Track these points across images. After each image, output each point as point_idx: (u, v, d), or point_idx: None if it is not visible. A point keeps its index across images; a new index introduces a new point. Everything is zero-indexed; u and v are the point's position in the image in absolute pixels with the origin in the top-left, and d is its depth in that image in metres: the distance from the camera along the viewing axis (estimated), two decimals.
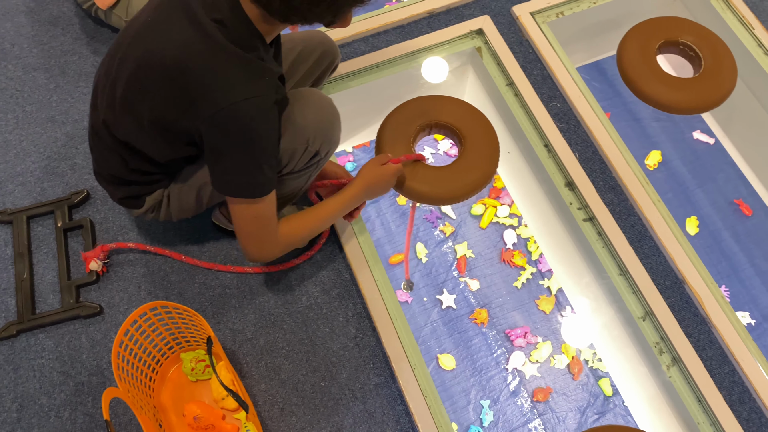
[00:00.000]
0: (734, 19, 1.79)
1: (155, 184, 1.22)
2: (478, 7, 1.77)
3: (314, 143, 1.15)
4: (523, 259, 2.08)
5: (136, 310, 1.15)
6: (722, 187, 2.19)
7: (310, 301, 1.40)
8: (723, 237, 2.12)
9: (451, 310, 1.99)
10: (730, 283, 2.04)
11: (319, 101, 1.15)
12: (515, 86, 1.64)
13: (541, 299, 2.00)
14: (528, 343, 1.95)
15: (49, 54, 1.69)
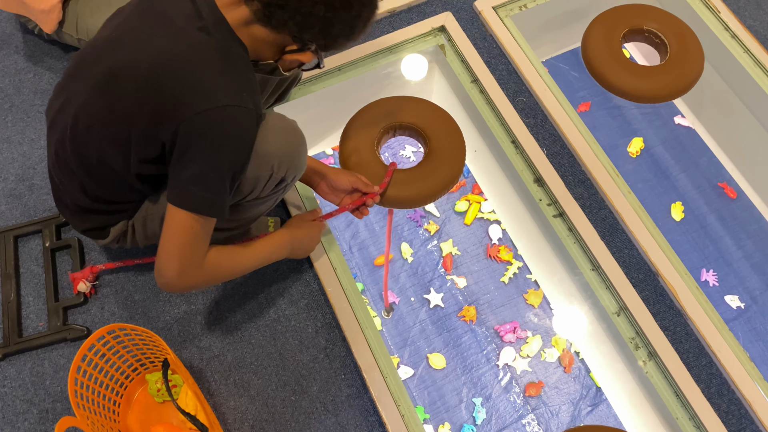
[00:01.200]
0: (700, 3, 1.76)
1: (118, 214, 1.17)
2: (440, 4, 1.75)
3: (279, 170, 1.09)
4: (509, 254, 2.07)
5: (93, 335, 1.12)
6: (706, 171, 2.19)
7: (278, 314, 1.37)
8: (709, 221, 2.11)
9: (439, 309, 1.98)
10: (718, 267, 2.03)
11: (284, 126, 1.10)
12: (480, 83, 1.61)
13: (529, 293, 1.99)
14: (518, 338, 1.94)
15: (2, 73, 1.65)
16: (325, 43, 1.01)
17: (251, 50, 1.01)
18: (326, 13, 0.94)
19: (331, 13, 0.94)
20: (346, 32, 1.00)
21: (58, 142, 1.10)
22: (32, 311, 1.37)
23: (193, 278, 1.06)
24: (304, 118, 1.71)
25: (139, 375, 1.29)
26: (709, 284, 2.00)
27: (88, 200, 1.14)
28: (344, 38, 1.01)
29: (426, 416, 1.82)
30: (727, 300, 1.98)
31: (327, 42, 1.01)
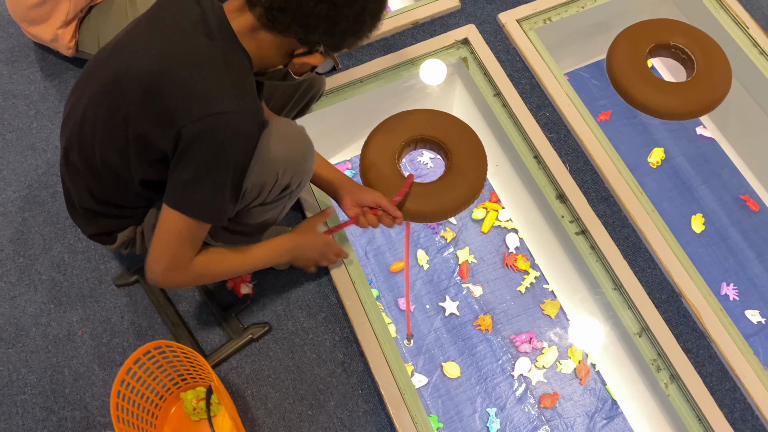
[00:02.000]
0: (728, 18, 1.74)
1: (125, 219, 1.18)
2: (463, 16, 1.74)
3: (284, 176, 1.09)
4: (526, 263, 2.05)
5: (139, 349, 1.12)
6: (728, 183, 2.16)
7: (296, 327, 1.36)
8: (730, 234, 2.09)
9: (455, 317, 1.97)
10: (738, 281, 2.00)
11: (289, 132, 1.09)
12: (503, 96, 1.60)
13: (545, 303, 1.97)
14: (534, 349, 1.92)
15: (29, 80, 1.67)
16: (334, 43, 0.99)
17: (260, 57, 1.01)
18: (329, 12, 0.92)
19: (334, 11, 0.93)
20: (354, 29, 0.97)
21: (67, 145, 1.11)
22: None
23: (179, 279, 1.08)
24: (327, 128, 1.73)
25: (172, 394, 1.29)
26: (729, 298, 1.97)
27: (96, 204, 1.14)
28: (352, 36, 0.98)
29: (439, 425, 1.81)
30: (748, 315, 1.96)
31: (335, 41, 0.98)
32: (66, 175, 1.15)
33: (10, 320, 1.37)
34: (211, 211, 1.00)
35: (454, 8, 1.74)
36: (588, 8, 1.75)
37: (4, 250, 1.44)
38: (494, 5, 1.76)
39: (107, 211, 1.15)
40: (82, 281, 1.41)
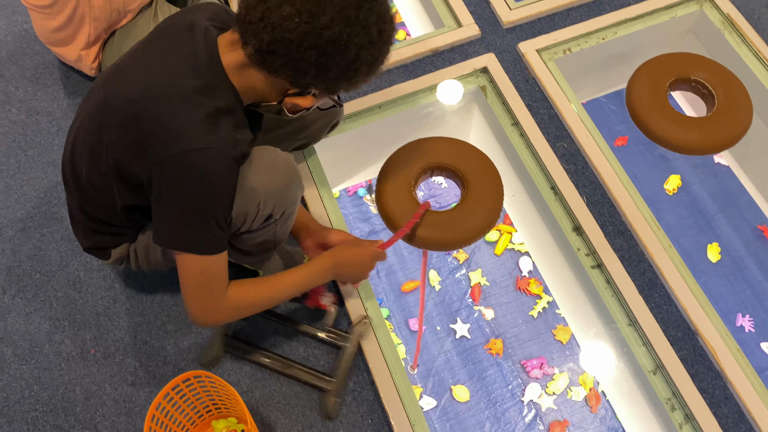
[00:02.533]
0: (750, 53, 1.73)
1: (119, 237, 1.19)
2: (483, 45, 1.74)
3: (266, 206, 1.09)
4: (539, 287, 2.04)
5: (179, 377, 1.13)
6: (745, 212, 2.14)
7: (308, 352, 1.36)
8: (746, 264, 2.07)
9: (465, 340, 1.96)
10: (754, 313, 1.98)
11: (273, 162, 1.09)
12: (521, 126, 1.60)
13: (557, 329, 1.96)
14: (544, 374, 1.91)
15: (52, 97, 1.69)
16: (327, 87, 0.98)
17: (252, 91, 1.01)
18: (319, 58, 0.91)
19: (325, 57, 0.92)
20: (347, 75, 0.96)
21: (64, 164, 1.14)
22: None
23: (217, 316, 1.09)
24: (344, 152, 1.74)
25: (204, 420, 1.29)
26: (745, 330, 1.95)
27: (89, 221, 1.16)
28: (347, 81, 0.97)
29: None
30: (764, 347, 1.93)
31: (328, 86, 0.98)
32: (65, 188, 1.19)
33: (25, 336, 1.38)
34: (206, 242, 1.00)
35: (474, 37, 1.75)
36: (608, 40, 1.75)
37: (22, 266, 1.46)
38: (514, 35, 1.76)
39: (100, 228, 1.18)
40: (96, 299, 1.42)
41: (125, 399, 1.32)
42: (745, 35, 1.74)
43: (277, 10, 0.89)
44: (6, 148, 1.61)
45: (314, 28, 0.88)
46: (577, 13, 1.80)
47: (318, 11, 0.88)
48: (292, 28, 0.88)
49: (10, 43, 1.78)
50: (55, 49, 1.59)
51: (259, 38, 0.91)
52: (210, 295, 1.05)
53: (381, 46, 0.95)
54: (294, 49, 0.90)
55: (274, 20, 0.89)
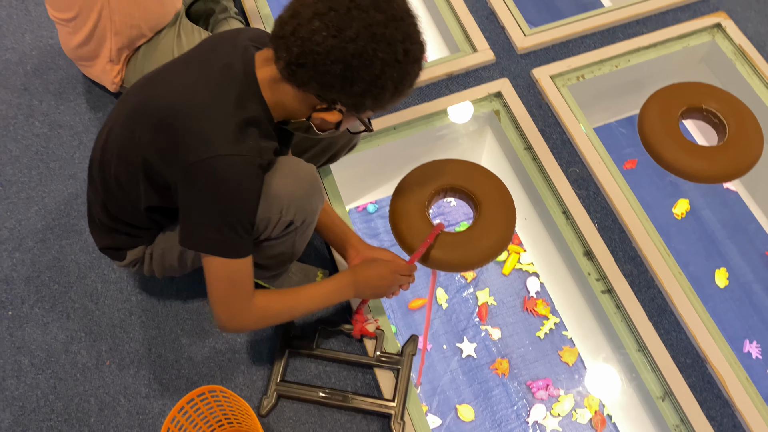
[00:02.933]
0: (761, 84, 1.75)
1: (136, 239, 1.22)
2: (497, 70, 1.77)
3: (287, 213, 1.11)
4: (546, 308, 2.05)
5: (195, 390, 1.16)
6: (753, 238, 2.14)
7: (319, 370, 1.38)
8: (754, 290, 2.07)
9: (472, 359, 1.97)
10: (762, 339, 1.98)
11: (296, 170, 1.12)
12: (533, 150, 1.63)
13: (564, 350, 1.96)
14: (550, 396, 1.91)
15: (75, 111, 1.73)
16: (353, 103, 1.00)
17: (282, 107, 1.04)
18: (344, 72, 0.94)
19: (350, 71, 0.94)
20: (373, 92, 0.98)
21: (92, 162, 1.18)
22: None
23: (243, 321, 1.12)
24: (359, 171, 1.76)
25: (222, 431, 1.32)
26: (752, 356, 1.95)
27: (109, 219, 1.20)
28: (372, 99, 0.99)
29: None
30: None
31: (354, 102, 1.00)
32: (89, 189, 1.23)
33: (42, 346, 1.40)
34: (231, 245, 1.03)
35: (489, 62, 1.78)
36: (621, 68, 1.78)
37: (41, 276, 1.49)
38: (528, 60, 1.80)
39: (118, 227, 1.21)
40: (113, 311, 1.44)
41: (139, 411, 1.33)
42: (756, 66, 1.77)
43: (308, 24, 0.93)
44: (28, 160, 1.65)
45: (340, 41, 0.92)
46: (591, 40, 1.84)
47: (345, 26, 0.92)
48: (320, 41, 0.92)
49: (35, 57, 1.82)
50: (80, 63, 1.63)
51: (289, 51, 0.95)
52: (237, 300, 1.08)
53: (407, 66, 0.97)
54: (321, 61, 0.94)
55: (303, 34, 0.93)
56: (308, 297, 1.19)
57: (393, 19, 0.93)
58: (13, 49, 1.84)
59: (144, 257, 1.26)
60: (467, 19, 1.85)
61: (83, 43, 1.55)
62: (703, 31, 1.84)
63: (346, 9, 0.92)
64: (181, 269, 1.29)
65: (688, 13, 1.89)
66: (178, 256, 1.24)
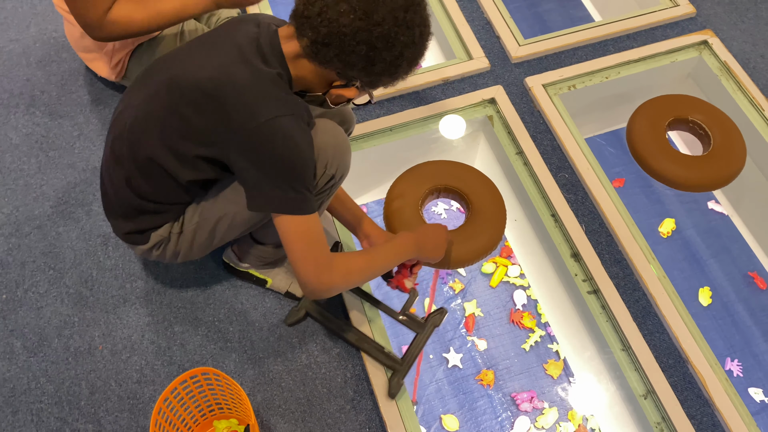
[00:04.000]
0: (745, 99, 1.81)
1: (163, 215, 1.22)
2: (492, 77, 1.82)
3: (331, 166, 1.17)
4: (532, 321, 2.06)
5: (185, 373, 1.17)
6: (737, 258, 2.17)
7: (310, 360, 1.40)
8: (736, 309, 2.09)
9: (457, 370, 1.97)
10: (743, 358, 2.00)
11: (334, 129, 1.19)
12: (524, 155, 1.67)
13: (549, 363, 1.97)
14: (534, 408, 1.92)
15: (76, 102, 1.75)
16: (370, 81, 1.07)
17: (301, 80, 1.10)
18: (368, 53, 1.00)
19: (373, 52, 1.00)
20: (390, 71, 1.05)
21: (115, 140, 1.18)
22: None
23: (332, 279, 1.11)
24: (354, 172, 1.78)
25: (206, 420, 1.32)
26: (733, 374, 1.97)
27: (135, 197, 1.19)
28: (388, 76, 1.06)
29: None
30: (751, 392, 1.94)
31: (371, 79, 1.06)
32: (110, 170, 1.20)
33: (35, 329, 1.42)
34: (306, 201, 1.06)
35: (484, 69, 1.83)
36: (611, 79, 1.84)
37: (36, 261, 1.50)
38: (522, 69, 1.85)
39: (144, 206, 1.20)
40: (107, 298, 1.46)
41: (129, 396, 1.35)
42: (741, 82, 1.83)
43: (335, 6, 0.98)
44: (28, 148, 1.67)
45: (367, 24, 0.98)
46: (583, 52, 1.89)
47: (371, 9, 0.98)
48: (347, 23, 0.98)
49: (39, 50, 1.85)
50: (84, 55, 1.65)
51: (316, 31, 1.00)
52: (320, 255, 1.09)
53: (421, 47, 1.05)
54: (347, 42, 0.99)
55: (331, 15, 0.98)
56: (381, 254, 1.21)
57: (412, 4, 1.01)
58: (18, 41, 1.86)
59: (170, 236, 1.25)
60: (464, 28, 1.90)
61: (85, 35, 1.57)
62: (690, 48, 1.91)
63: None
64: (208, 246, 1.29)
65: (677, 30, 1.96)
66: (210, 229, 1.24)
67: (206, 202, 1.22)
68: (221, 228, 1.24)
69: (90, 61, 1.66)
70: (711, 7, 2.03)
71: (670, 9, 1.98)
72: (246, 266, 1.44)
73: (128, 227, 1.24)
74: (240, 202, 1.13)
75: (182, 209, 1.23)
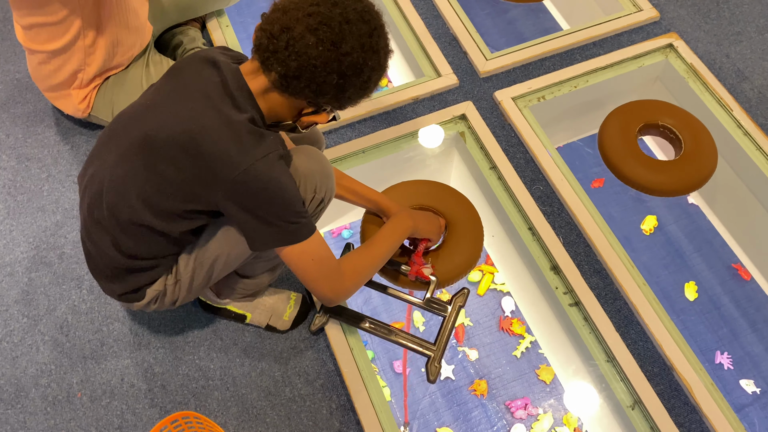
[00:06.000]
0: (713, 99, 1.83)
1: (155, 270, 1.20)
2: (461, 93, 1.82)
3: (320, 191, 1.19)
4: (521, 328, 2.07)
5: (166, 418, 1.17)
6: (719, 251, 2.19)
7: (294, 393, 1.38)
8: (723, 302, 2.10)
9: (450, 381, 1.97)
10: (732, 350, 2.01)
11: (317, 155, 1.21)
12: (498, 170, 1.67)
13: (541, 369, 1.98)
14: (529, 415, 1.92)
15: (42, 143, 1.73)
16: (340, 105, 1.09)
17: (272, 113, 1.10)
18: (339, 81, 1.02)
19: (344, 80, 1.02)
20: (359, 94, 1.08)
21: (91, 205, 1.15)
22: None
23: (345, 284, 1.19)
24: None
25: None
26: (724, 367, 1.98)
27: (124, 258, 1.16)
28: (357, 98, 1.09)
29: None
30: (743, 384, 1.96)
31: (341, 103, 1.09)
32: (91, 234, 1.17)
33: (11, 380, 1.38)
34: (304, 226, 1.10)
35: (453, 86, 1.83)
36: (580, 88, 1.84)
37: (9, 310, 1.47)
38: (490, 84, 1.85)
39: (135, 265, 1.18)
40: (84, 342, 1.43)
41: None
42: (707, 83, 1.85)
43: (302, 39, 0.99)
44: None
45: (337, 54, 1.00)
46: (550, 62, 1.90)
47: (339, 39, 0.99)
48: (317, 55, 0.99)
49: (1, 92, 1.82)
50: (50, 93, 1.62)
51: (284, 65, 1.01)
52: (329, 270, 1.15)
53: (385, 67, 1.08)
54: (318, 73, 1.01)
55: (299, 48, 0.99)
56: (381, 241, 1.29)
57: (376, 28, 1.03)
58: None
59: (166, 288, 1.23)
60: (431, 46, 1.90)
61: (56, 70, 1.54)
62: (656, 52, 1.92)
63: (338, 23, 0.99)
64: (204, 288, 1.28)
65: (642, 35, 1.97)
66: (206, 271, 1.23)
67: (200, 248, 1.20)
68: (218, 267, 1.23)
69: (55, 99, 1.64)
70: (674, 10, 2.05)
71: (634, 14, 1.99)
72: (226, 301, 1.42)
73: (121, 289, 1.22)
74: (233, 240, 1.16)
75: (175, 259, 1.21)
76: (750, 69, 1.93)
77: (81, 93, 1.58)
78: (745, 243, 2.10)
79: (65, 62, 1.51)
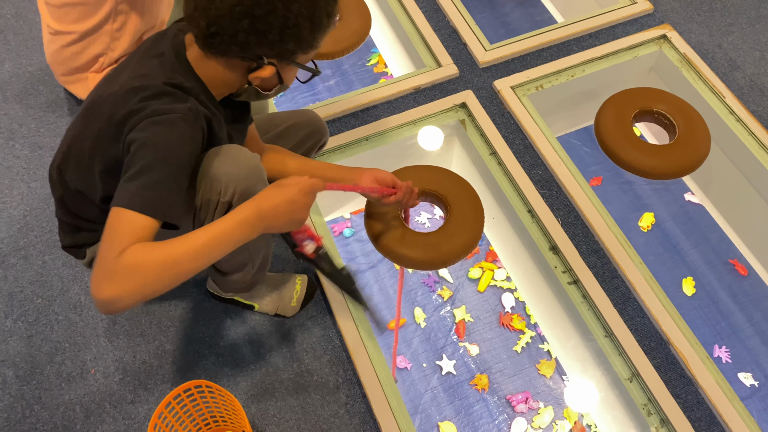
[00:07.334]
0: (706, 88, 1.88)
1: (94, 233, 1.21)
2: (462, 83, 1.88)
3: (226, 193, 1.07)
4: (522, 323, 2.09)
5: (180, 386, 1.18)
6: (716, 247, 2.22)
7: (301, 368, 1.42)
8: (720, 297, 2.13)
9: (452, 376, 1.98)
10: (730, 344, 2.03)
11: (236, 155, 1.09)
12: (498, 155, 1.72)
13: (541, 363, 2.00)
14: (530, 409, 1.94)
15: (54, 133, 1.78)
16: (278, 52, 1.01)
17: (220, 81, 1.06)
18: (253, 24, 0.96)
19: (258, 23, 0.96)
20: (290, 35, 0.99)
21: (52, 166, 1.19)
22: None
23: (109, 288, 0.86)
24: None
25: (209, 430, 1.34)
26: (722, 361, 2.01)
27: (68, 216, 1.22)
28: (294, 42, 1.00)
29: None
30: (741, 377, 1.98)
31: (277, 51, 1.01)
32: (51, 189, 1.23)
33: (26, 358, 1.42)
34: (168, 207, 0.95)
35: (453, 76, 1.88)
36: (577, 77, 1.89)
37: (24, 291, 1.51)
38: (490, 73, 1.90)
39: (77, 223, 1.23)
40: (96, 321, 1.47)
41: (124, 416, 1.36)
42: (701, 72, 1.90)
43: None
44: (9, 181, 1.69)
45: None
46: (548, 53, 1.95)
47: None
48: (219, 5, 0.95)
49: (15, 84, 1.87)
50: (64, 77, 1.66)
51: (198, 26, 0.98)
52: (105, 255, 0.88)
53: None
54: (228, 24, 0.96)
55: (204, 4, 0.96)
56: (202, 239, 0.93)
57: None
58: None
59: None
60: (431, 37, 1.95)
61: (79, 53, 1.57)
62: (650, 42, 1.98)
63: None
64: None
65: (636, 26, 2.03)
66: None
67: None
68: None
69: (70, 83, 1.68)
70: (667, 2, 2.11)
71: (629, 6, 2.05)
72: (230, 295, 1.47)
73: (66, 242, 1.27)
74: None
75: None
76: (741, 58, 1.98)
77: (98, 77, 1.62)
78: (742, 235, 2.14)
79: (90, 44, 1.55)
